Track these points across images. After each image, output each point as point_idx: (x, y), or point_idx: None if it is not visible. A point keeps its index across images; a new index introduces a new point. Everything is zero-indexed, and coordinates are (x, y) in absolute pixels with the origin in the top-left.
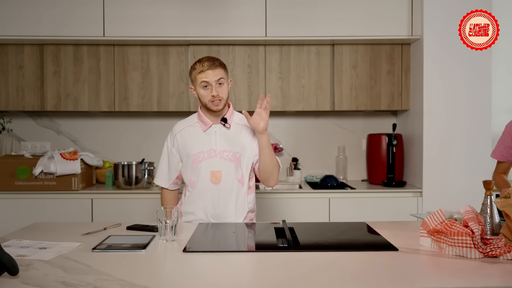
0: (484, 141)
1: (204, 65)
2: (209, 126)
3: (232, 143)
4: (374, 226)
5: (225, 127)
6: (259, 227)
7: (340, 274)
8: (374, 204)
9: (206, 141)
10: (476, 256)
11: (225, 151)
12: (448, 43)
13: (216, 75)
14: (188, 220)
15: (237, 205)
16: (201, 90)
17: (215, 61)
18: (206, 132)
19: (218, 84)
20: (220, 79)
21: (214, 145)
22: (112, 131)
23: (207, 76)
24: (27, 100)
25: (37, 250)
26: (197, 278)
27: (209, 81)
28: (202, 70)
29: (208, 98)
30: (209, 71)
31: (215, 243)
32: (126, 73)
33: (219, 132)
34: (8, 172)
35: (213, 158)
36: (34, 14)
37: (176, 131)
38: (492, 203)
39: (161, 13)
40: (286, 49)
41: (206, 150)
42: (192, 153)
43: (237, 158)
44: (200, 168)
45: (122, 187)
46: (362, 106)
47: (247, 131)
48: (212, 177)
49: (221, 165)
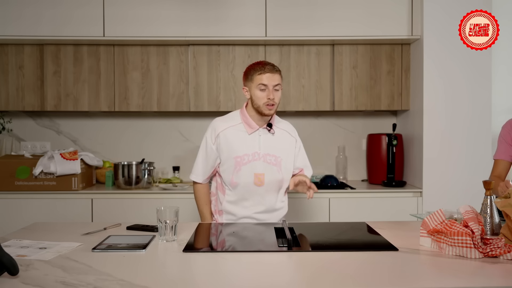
0: (484, 141)
1: (265, 68)
2: (255, 130)
3: (274, 148)
4: (374, 226)
5: (270, 133)
6: (259, 227)
7: (340, 274)
8: (374, 204)
9: (250, 144)
10: (476, 256)
11: (268, 155)
12: (448, 43)
13: (275, 80)
14: (229, 220)
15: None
16: (258, 92)
17: (275, 67)
18: (251, 135)
19: (275, 89)
20: (278, 85)
21: (258, 148)
22: (112, 131)
23: (266, 79)
24: (27, 100)
25: (37, 250)
26: (197, 278)
27: (268, 84)
28: (262, 72)
29: (263, 101)
30: (270, 75)
31: (215, 243)
32: (126, 73)
33: (263, 136)
34: (8, 172)
35: (257, 161)
36: (34, 14)
37: (219, 129)
38: (492, 203)
39: (161, 13)
40: (286, 49)
41: (251, 153)
42: (237, 155)
43: (278, 162)
44: (244, 171)
45: (122, 187)
46: (362, 106)
47: (288, 136)
48: (256, 180)
49: (264, 168)
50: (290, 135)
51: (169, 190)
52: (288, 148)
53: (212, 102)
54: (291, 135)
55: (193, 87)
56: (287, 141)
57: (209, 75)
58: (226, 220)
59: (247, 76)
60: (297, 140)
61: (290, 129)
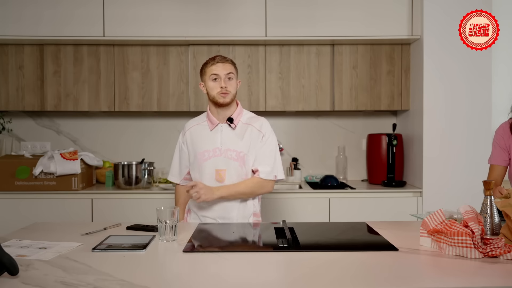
0: (484, 141)
1: (216, 59)
2: (216, 125)
3: (236, 143)
4: (374, 226)
5: (230, 127)
6: (259, 227)
7: (340, 274)
8: (374, 204)
9: (211, 140)
10: (476, 256)
11: (229, 150)
12: (448, 43)
13: (226, 69)
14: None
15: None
16: (210, 83)
17: (226, 58)
18: (213, 131)
19: (227, 78)
20: (230, 74)
21: (219, 144)
22: (112, 131)
23: (217, 69)
24: (27, 100)
25: (37, 250)
26: (197, 278)
27: (219, 74)
28: (213, 63)
29: (216, 90)
30: (220, 64)
31: (215, 243)
32: (126, 73)
33: (224, 131)
34: (8, 172)
35: (218, 157)
36: (34, 14)
37: (186, 128)
38: (492, 203)
39: (161, 13)
40: (286, 49)
41: (211, 149)
42: (199, 151)
43: (241, 157)
44: (205, 167)
45: (122, 187)
46: (362, 106)
47: (252, 130)
48: (217, 176)
49: (225, 164)
50: (256, 129)
51: (169, 190)
52: (253, 143)
53: None
54: (259, 130)
55: (193, 87)
56: (252, 136)
57: None
58: (193, 219)
59: (201, 71)
60: (264, 135)
61: (260, 124)
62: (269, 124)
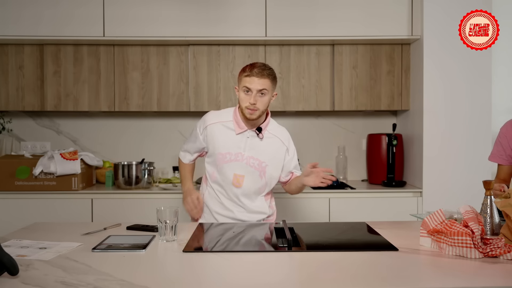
0: (484, 141)
1: (253, 71)
2: (243, 130)
3: (260, 152)
4: (374, 226)
5: (258, 137)
6: (259, 227)
7: (340, 274)
8: (374, 204)
9: (236, 144)
10: (476, 256)
11: (252, 158)
12: (448, 43)
13: (261, 85)
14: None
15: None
16: (242, 94)
17: (265, 70)
18: (239, 135)
19: (259, 94)
20: (263, 90)
21: (243, 150)
22: (112, 131)
23: (251, 82)
24: (27, 100)
25: (37, 250)
26: (197, 278)
27: (252, 88)
28: (249, 75)
29: (245, 104)
30: (255, 78)
31: (215, 243)
32: (126, 73)
33: (251, 138)
34: (8, 172)
35: (240, 162)
36: (34, 14)
37: (208, 122)
38: (492, 203)
39: (161, 13)
40: (286, 49)
41: (234, 153)
42: (219, 152)
43: (262, 167)
44: (225, 169)
45: (122, 187)
46: (362, 106)
47: (277, 143)
48: (234, 180)
49: (245, 170)
50: (282, 143)
51: (169, 190)
52: (277, 155)
53: (212, 102)
54: (283, 143)
55: (193, 87)
56: (277, 149)
57: (209, 75)
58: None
59: (239, 76)
60: (288, 149)
61: (284, 137)
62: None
